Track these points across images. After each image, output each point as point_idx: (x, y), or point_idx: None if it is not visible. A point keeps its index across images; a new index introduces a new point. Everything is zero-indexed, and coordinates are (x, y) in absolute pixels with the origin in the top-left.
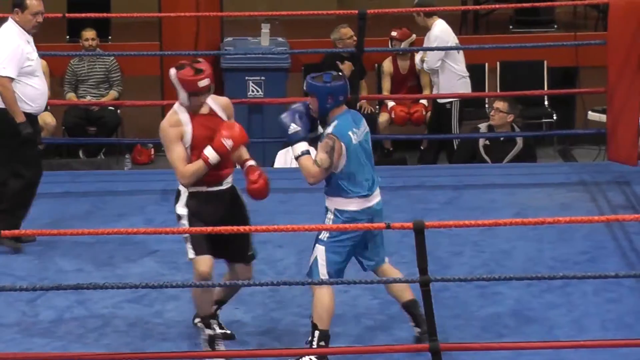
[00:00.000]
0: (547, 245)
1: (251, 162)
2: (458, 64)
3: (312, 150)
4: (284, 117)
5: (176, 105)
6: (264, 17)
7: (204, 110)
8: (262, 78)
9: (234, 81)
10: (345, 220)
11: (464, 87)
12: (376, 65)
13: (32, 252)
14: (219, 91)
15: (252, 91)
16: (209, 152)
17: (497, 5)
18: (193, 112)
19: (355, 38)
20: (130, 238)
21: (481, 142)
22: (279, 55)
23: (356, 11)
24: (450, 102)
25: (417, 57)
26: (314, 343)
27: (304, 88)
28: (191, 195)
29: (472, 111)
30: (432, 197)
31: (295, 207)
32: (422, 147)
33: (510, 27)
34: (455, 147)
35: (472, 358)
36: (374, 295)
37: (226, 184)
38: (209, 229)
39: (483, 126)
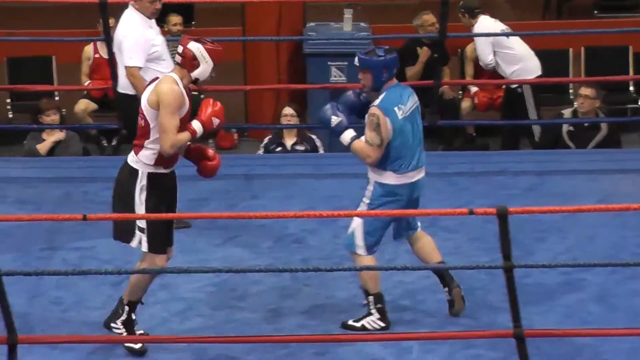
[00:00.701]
0: (631, 232)
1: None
2: (512, 50)
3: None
4: (323, 113)
5: (177, 77)
6: (346, 2)
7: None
8: (345, 63)
9: (317, 66)
10: (383, 194)
11: (527, 69)
12: (459, 50)
13: None
14: (302, 76)
15: (335, 76)
16: (197, 126)
17: None
18: (185, 87)
19: (437, 25)
20: (213, 222)
21: (565, 128)
22: (361, 41)
23: None
24: (520, 86)
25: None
26: (372, 307)
27: (356, 64)
28: (152, 177)
29: (554, 97)
30: (515, 183)
31: None
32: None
33: (595, 12)
34: (534, 132)
35: (556, 344)
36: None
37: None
38: (293, 214)
39: (567, 112)
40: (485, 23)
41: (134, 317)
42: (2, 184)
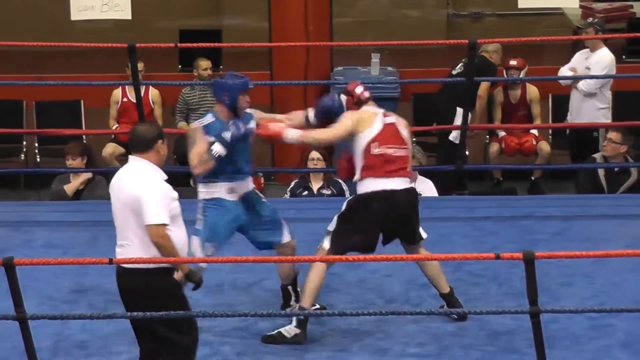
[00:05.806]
0: None
1: None
2: (608, 93)
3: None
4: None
5: None
6: (374, 47)
7: None
8: None
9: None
10: None
11: (605, 117)
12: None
13: None
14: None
15: None
16: None
17: (609, 35)
18: None
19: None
20: (239, 266)
21: (601, 172)
22: (388, 85)
23: (466, 41)
24: (597, 130)
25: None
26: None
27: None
28: None
29: None
30: (542, 227)
31: None
32: (532, 177)
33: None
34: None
35: None
36: (481, 326)
37: None
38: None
39: (598, 156)
40: (608, 56)
41: None
42: (31, 227)
